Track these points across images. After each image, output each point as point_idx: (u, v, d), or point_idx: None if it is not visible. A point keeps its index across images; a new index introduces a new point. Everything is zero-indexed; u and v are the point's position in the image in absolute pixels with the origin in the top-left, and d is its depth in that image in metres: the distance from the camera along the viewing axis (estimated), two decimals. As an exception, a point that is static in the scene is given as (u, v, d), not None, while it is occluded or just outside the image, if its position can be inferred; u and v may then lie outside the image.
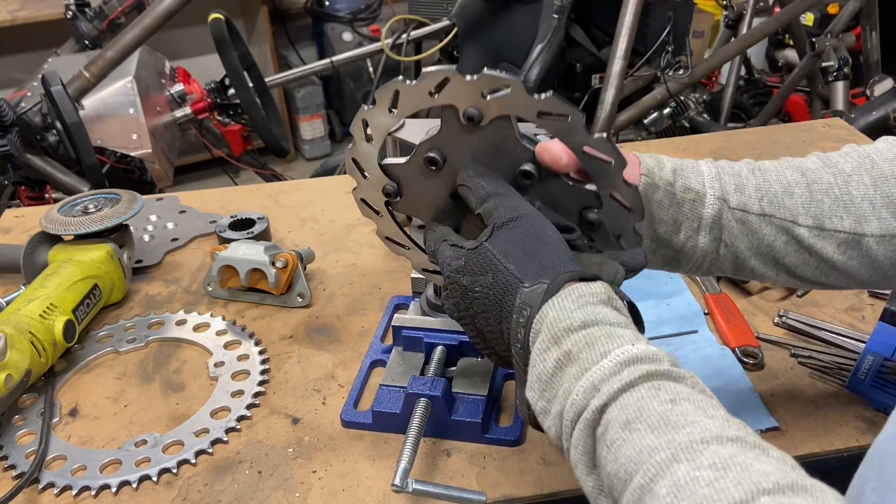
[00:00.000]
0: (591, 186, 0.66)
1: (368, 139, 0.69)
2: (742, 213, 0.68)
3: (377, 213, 0.75)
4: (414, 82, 0.63)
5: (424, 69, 0.63)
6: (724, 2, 2.81)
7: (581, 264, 0.60)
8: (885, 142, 0.71)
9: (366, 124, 0.69)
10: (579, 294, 0.55)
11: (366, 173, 0.71)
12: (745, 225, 0.68)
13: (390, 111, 0.66)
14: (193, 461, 0.81)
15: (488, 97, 0.62)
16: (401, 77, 0.65)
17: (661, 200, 0.68)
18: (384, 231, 0.77)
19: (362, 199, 0.74)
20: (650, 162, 0.69)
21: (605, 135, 0.62)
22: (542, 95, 0.60)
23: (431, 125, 1.15)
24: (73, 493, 0.78)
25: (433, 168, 0.68)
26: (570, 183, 0.66)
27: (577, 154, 0.63)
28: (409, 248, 0.78)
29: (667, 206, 0.68)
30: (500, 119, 0.64)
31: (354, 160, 0.71)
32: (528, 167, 0.66)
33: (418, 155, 0.68)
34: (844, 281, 0.71)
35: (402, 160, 0.70)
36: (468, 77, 0.61)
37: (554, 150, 0.65)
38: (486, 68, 0.61)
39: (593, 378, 0.50)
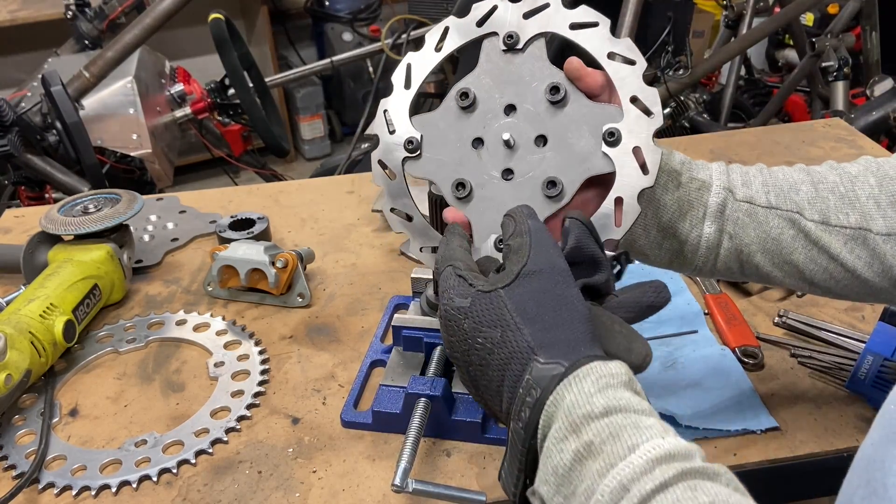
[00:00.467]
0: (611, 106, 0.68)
1: (408, 84, 0.73)
2: (748, 204, 0.68)
3: (392, 177, 0.73)
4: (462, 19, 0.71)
5: (475, 5, 0.71)
6: (724, 2, 2.81)
7: (604, 342, 0.55)
8: None
9: (410, 68, 0.73)
10: (599, 375, 0.50)
11: (392, 126, 0.72)
12: (752, 216, 0.68)
13: (437, 49, 0.72)
14: (193, 461, 0.81)
15: (528, 19, 0.69)
16: (452, 17, 0.72)
17: (666, 184, 0.68)
18: (391, 202, 0.74)
19: (379, 161, 0.73)
20: (662, 151, 0.68)
21: (628, 38, 0.67)
22: (577, 9, 0.67)
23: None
24: (73, 493, 0.78)
25: (464, 104, 0.70)
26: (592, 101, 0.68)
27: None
28: (412, 220, 0.74)
29: (672, 190, 0.68)
30: (536, 37, 0.69)
31: (386, 111, 0.73)
32: (557, 80, 0.68)
33: (451, 95, 0.71)
34: (855, 285, 0.69)
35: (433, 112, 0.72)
36: (511, 3, 0.69)
37: (579, 62, 0.68)
38: None
39: (621, 477, 0.45)
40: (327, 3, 3.94)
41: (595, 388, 0.49)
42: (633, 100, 0.66)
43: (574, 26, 0.68)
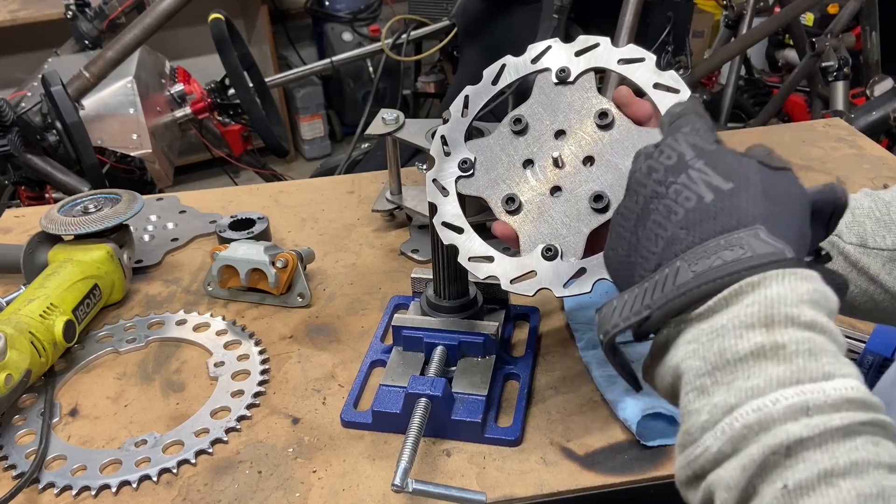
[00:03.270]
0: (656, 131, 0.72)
1: (464, 113, 0.80)
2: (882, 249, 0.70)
3: (445, 193, 0.79)
4: (522, 57, 0.78)
5: (530, 45, 0.78)
6: (724, 2, 2.81)
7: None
8: None
9: (468, 99, 0.81)
10: (816, 288, 0.45)
11: (447, 149, 0.79)
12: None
13: (493, 83, 0.80)
14: (193, 461, 0.81)
15: (579, 56, 0.75)
16: (509, 56, 0.79)
17: None
18: (443, 216, 0.79)
19: (434, 179, 0.80)
20: None
21: (672, 71, 0.72)
22: (625, 47, 0.73)
23: (432, 125, 1.17)
24: (73, 493, 0.78)
25: (517, 129, 0.76)
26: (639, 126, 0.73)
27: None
28: (463, 233, 0.78)
29: None
30: (585, 72, 0.75)
31: (443, 136, 0.80)
32: (605, 106, 0.73)
33: (505, 121, 0.77)
34: (894, 307, 0.70)
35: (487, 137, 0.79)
36: (564, 44, 0.76)
37: (627, 90, 0.72)
38: (581, 35, 0.76)
39: (808, 398, 0.41)
40: (327, 3, 3.94)
41: (809, 296, 0.44)
42: None
43: (623, 61, 0.74)
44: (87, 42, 2.34)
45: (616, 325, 0.51)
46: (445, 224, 0.78)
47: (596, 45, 0.75)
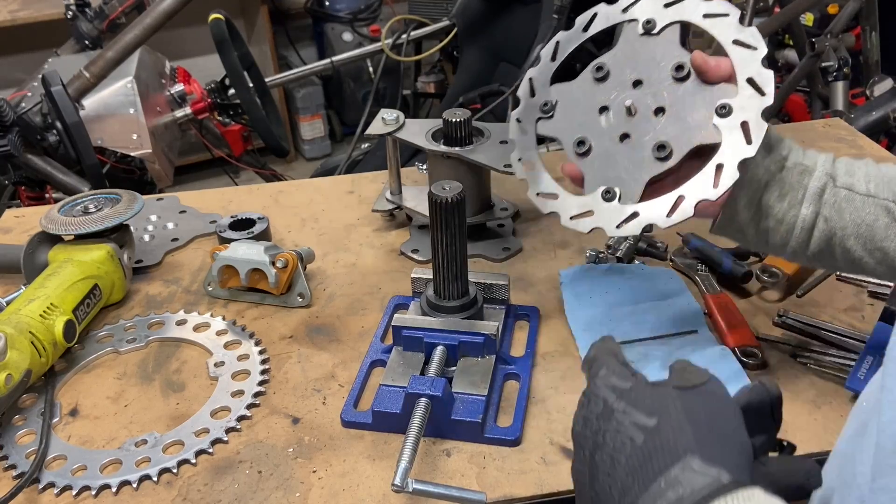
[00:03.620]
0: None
1: (554, 57, 0.85)
2: (847, 191, 0.73)
3: (524, 132, 0.85)
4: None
5: None
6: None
7: (765, 466, 0.51)
8: None
9: (558, 44, 0.85)
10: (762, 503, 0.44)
11: (534, 91, 0.85)
12: (850, 202, 0.73)
13: (584, 30, 0.84)
14: (194, 461, 0.81)
15: (667, 8, 0.78)
16: (603, 4, 0.83)
17: (769, 166, 0.74)
18: (520, 153, 0.85)
19: (517, 118, 0.86)
20: (772, 135, 0.75)
21: (754, 27, 0.74)
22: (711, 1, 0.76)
23: (432, 125, 1.17)
24: (74, 492, 0.78)
25: (598, 76, 0.81)
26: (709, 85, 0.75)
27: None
28: (534, 169, 0.83)
29: (775, 172, 0.74)
30: (670, 25, 0.78)
31: (531, 79, 0.85)
32: (683, 60, 0.76)
33: (589, 68, 0.81)
34: None
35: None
36: None
37: (701, 59, 0.74)
38: None
39: None
40: (327, 3, 3.94)
41: None
42: (750, 81, 0.72)
43: (707, 16, 0.76)
44: (87, 42, 2.34)
45: None
46: (521, 160, 0.84)
47: None
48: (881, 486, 0.48)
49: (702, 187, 0.72)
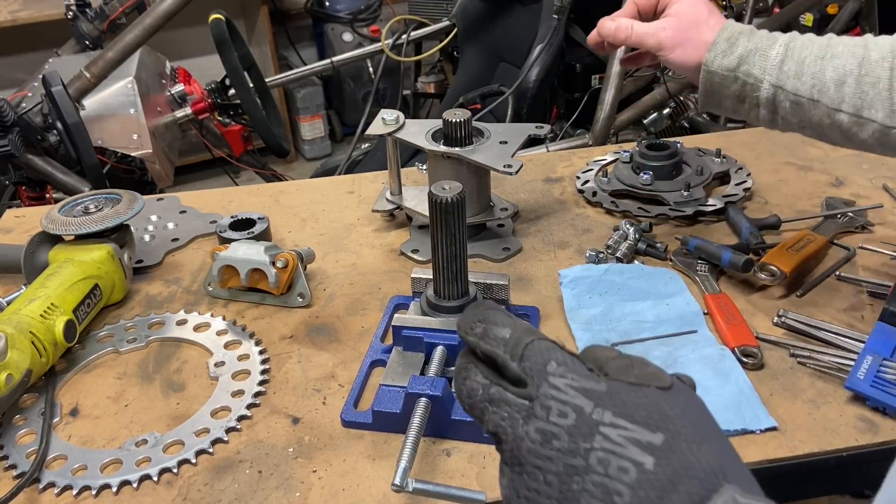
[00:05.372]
0: None
1: None
2: (795, 96, 0.85)
3: None
4: None
5: None
6: (724, 2, 2.81)
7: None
8: None
9: None
10: None
11: None
12: (798, 105, 0.85)
13: None
14: (194, 461, 0.81)
15: None
16: None
17: (721, 82, 0.88)
18: None
19: None
20: (720, 47, 0.87)
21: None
22: None
23: (432, 125, 1.17)
24: (74, 492, 0.78)
25: None
26: None
27: None
28: None
29: (729, 84, 0.88)
30: None
31: None
32: None
33: None
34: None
35: None
36: None
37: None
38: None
39: None
40: (327, 4, 3.94)
41: None
42: None
43: None
44: (87, 42, 2.34)
45: None
46: None
47: None
48: None
49: None
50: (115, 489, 0.78)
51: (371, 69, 3.84)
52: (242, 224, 1.18)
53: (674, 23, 0.92)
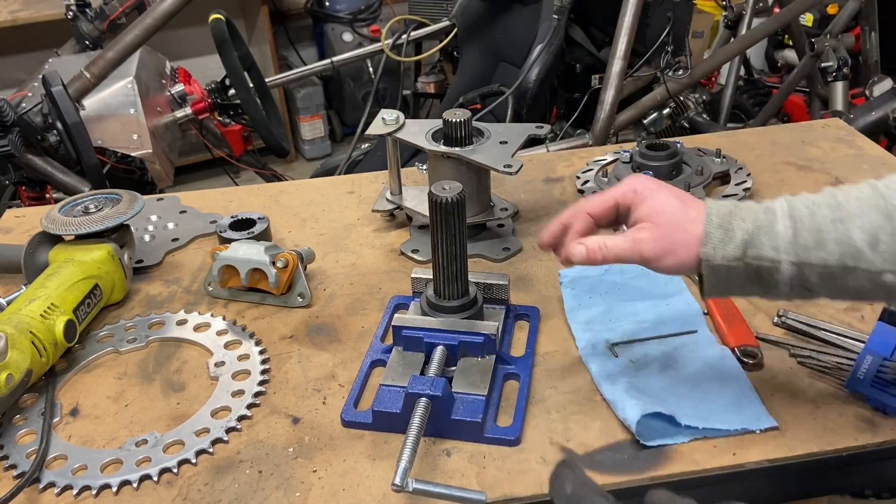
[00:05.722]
0: None
1: None
2: (824, 268, 0.70)
3: None
4: None
5: None
6: (724, 2, 2.81)
7: None
8: None
9: None
10: None
11: None
12: (830, 277, 0.71)
13: None
14: (194, 461, 0.81)
15: None
16: None
17: (728, 273, 0.73)
18: None
19: None
20: (716, 237, 0.72)
21: None
22: None
23: (432, 125, 1.17)
24: (74, 492, 0.78)
25: None
26: None
27: None
28: None
29: (738, 272, 0.72)
30: None
31: None
32: None
33: None
34: None
35: None
36: None
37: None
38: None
39: None
40: (327, 4, 3.94)
41: None
42: None
43: None
44: (87, 42, 2.34)
45: None
46: None
47: None
48: None
49: None
50: (115, 489, 0.78)
51: (371, 69, 3.84)
52: (242, 224, 1.18)
53: (651, 230, 0.76)
